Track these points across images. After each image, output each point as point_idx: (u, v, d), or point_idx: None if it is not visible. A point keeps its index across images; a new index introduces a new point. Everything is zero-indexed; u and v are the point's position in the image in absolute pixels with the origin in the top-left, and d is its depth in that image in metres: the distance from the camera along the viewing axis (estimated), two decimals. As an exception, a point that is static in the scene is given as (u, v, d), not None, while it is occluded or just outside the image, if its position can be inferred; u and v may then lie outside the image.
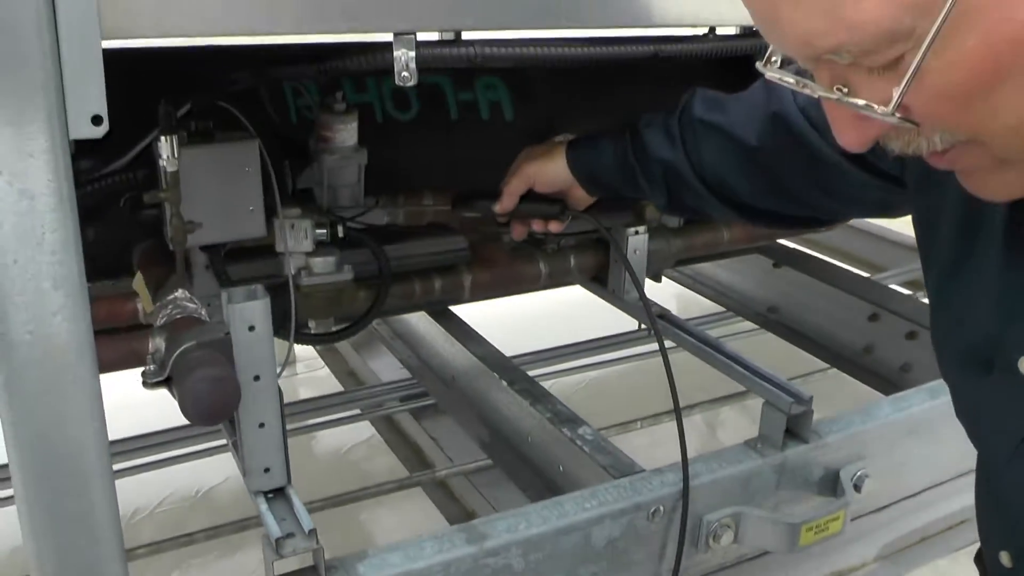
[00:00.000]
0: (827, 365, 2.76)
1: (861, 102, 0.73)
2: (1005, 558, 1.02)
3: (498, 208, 1.76)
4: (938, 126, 0.74)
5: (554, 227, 1.76)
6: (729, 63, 1.82)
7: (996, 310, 0.93)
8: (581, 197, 1.71)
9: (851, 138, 0.79)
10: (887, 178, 1.22)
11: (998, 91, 0.68)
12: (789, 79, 0.81)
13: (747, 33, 1.61)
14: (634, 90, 2.34)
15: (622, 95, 2.34)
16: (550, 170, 1.68)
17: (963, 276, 0.99)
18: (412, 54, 1.28)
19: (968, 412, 1.05)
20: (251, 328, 1.30)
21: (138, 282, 1.55)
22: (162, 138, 1.40)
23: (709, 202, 1.52)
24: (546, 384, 2.73)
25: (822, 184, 1.36)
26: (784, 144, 1.37)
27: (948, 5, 0.64)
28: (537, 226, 1.77)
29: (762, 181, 1.44)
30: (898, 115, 0.72)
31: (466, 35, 1.43)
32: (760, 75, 0.86)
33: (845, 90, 0.74)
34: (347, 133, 1.77)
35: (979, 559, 1.31)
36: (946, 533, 2.17)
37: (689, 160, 1.50)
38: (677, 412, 1.64)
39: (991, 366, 0.95)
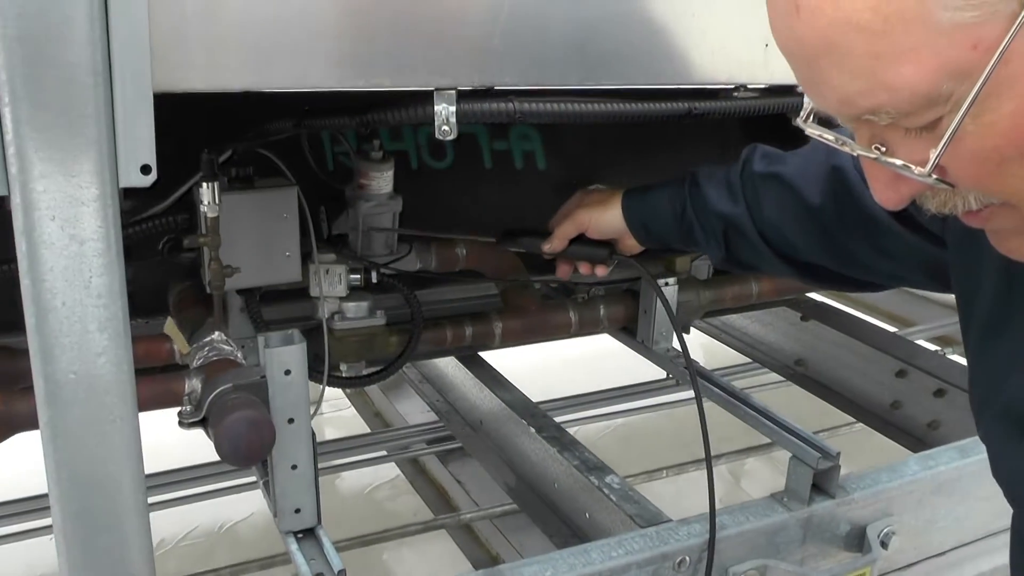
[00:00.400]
0: (854, 420, 2.75)
1: (899, 162, 0.75)
2: None
3: (547, 248, 1.77)
4: (973, 187, 0.76)
5: (600, 271, 1.77)
6: (762, 120, 1.84)
7: None
8: (631, 245, 1.73)
9: (888, 196, 0.81)
10: (929, 237, 1.22)
11: None
12: (828, 136, 0.83)
13: (780, 90, 1.63)
14: (667, 142, 2.37)
15: (656, 146, 2.36)
16: (604, 218, 1.69)
17: (1004, 335, 0.99)
18: (452, 109, 1.31)
19: (1006, 474, 1.04)
20: (287, 372, 1.32)
21: (170, 327, 1.58)
22: (204, 184, 1.44)
23: (766, 257, 1.52)
24: (572, 430, 2.74)
25: (876, 243, 1.35)
26: (841, 199, 1.37)
27: (987, 72, 0.67)
28: (584, 268, 1.78)
29: (821, 238, 1.44)
30: (934, 176, 0.73)
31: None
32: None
33: (883, 149, 0.76)
34: (383, 180, 1.80)
35: None
36: (975, 593, 2.16)
37: (751, 215, 1.51)
38: (708, 465, 1.64)
39: None
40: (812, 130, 0.86)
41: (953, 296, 1.13)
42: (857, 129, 0.79)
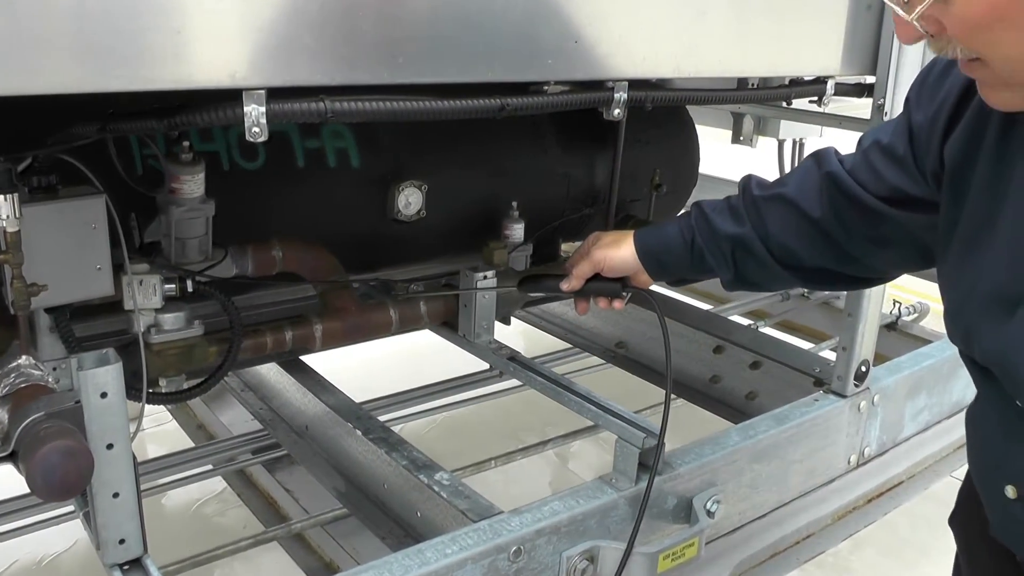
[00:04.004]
0: (676, 396, 2.85)
1: (897, 8, 1.02)
2: (1011, 491, 1.18)
3: (565, 287, 1.83)
4: (957, 42, 1.00)
5: (617, 304, 1.83)
6: (574, 114, 1.88)
7: None
8: (643, 280, 1.79)
9: (902, 32, 1.05)
10: (919, 207, 1.39)
11: (997, 29, 0.96)
12: None
13: (590, 85, 1.67)
14: (482, 136, 2.39)
15: (470, 140, 2.37)
16: (618, 256, 1.76)
17: (991, 230, 1.17)
18: (262, 109, 1.28)
19: (994, 351, 1.17)
20: (103, 395, 1.26)
21: (-24, 349, 1.49)
22: (2, 196, 1.34)
23: (773, 271, 1.64)
24: (398, 427, 2.72)
25: (873, 235, 1.49)
26: (838, 203, 1.51)
27: None
28: (601, 303, 1.83)
29: (823, 245, 1.56)
30: (920, 23, 1.00)
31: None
32: None
33: (907, 4, 1.01)
34: (194, 184, 1.75)
35: (953, 520, 1.53)
36: (795, 547, 2.28)
37: (756, 233, 1.62)
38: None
39: (1019, 304, 1.11)
40: None
41: None
42: None
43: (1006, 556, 1.27)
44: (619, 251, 1.76)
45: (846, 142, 1.63)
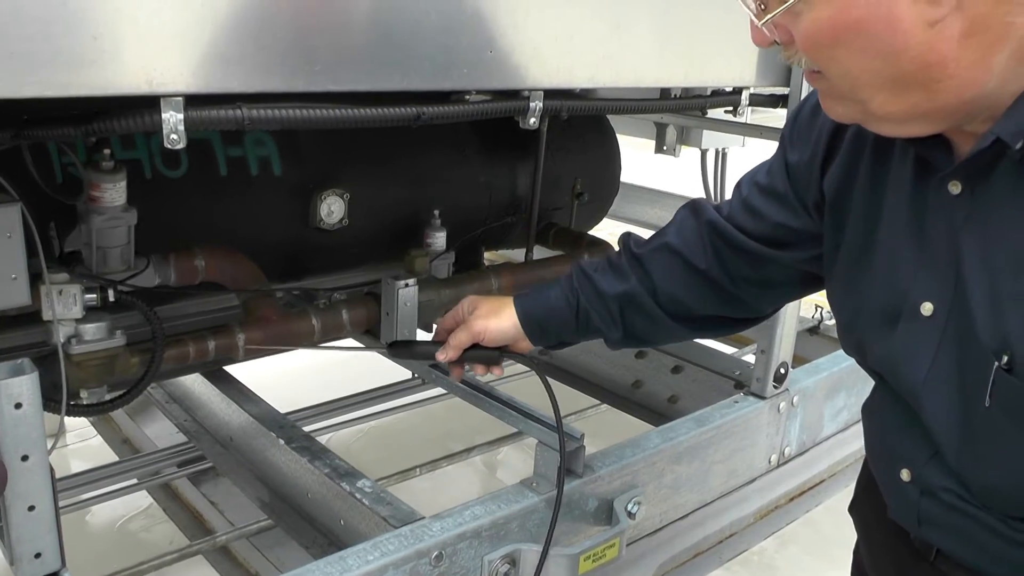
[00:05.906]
0: (599, 402, 2.88)
1: (750, 10, 1.07)
2: (905, 474, 1.25)
3: (442, 358, 1.75)
4: (803, 52, 1.06)
5: (496, 371, 1.78)
6: (495, 123, 1.90)
7: (901, 269, 1.20)
8: (523, 347, 1.76)
9: (755, 36, 1.10)
10: (804, 240, 1.43)
11: (837, 49, 1.02)
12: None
13: (507, 94, 1.69)
14: (404, 144, 2.40)
15: (390, 149, 2.39)
16: (500, 327, 1.71)
17: (870, 252, 1.25)
18: (180, 116, 1.29)
19: (883, 360, 1.26)
20: (18, 406, 1.25)
21: None
22: (-89, 206, 1.34)
23: (662, 324, 1.63)
24: (325, 437, 2.71)
25: (757, 278, 1.53)
26: (721, 251, 1.54)
27: None
28: (478, 371, 1.78)
29: (710, 292, 1.58)
30: (767, 30, 1.07)
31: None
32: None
33: (763, 7, 1.06)
34: (116, 192, 1.73)
35: (852, 508, 1.56)
36: (718, 546, 2.33)
37: (643, 286, 1.61)
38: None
39: (898, 318, 1.20)
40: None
41: None
42: None
43: (901, 537, 1.33)
44: (499, 321, 1.72)
45: (767, 152, 1.63)
